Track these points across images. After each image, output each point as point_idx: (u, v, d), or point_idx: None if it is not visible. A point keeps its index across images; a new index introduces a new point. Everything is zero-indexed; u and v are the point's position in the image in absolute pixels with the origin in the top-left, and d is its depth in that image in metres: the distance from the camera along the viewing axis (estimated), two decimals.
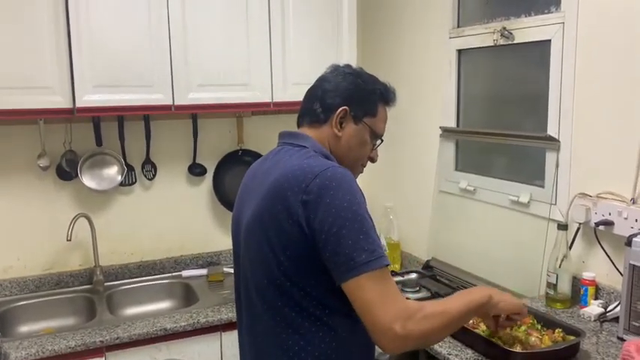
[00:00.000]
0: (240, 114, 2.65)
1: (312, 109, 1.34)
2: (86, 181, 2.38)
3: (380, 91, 1.36)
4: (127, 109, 2.20)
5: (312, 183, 1.15)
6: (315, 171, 1.17)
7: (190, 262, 2.64)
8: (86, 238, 2.42)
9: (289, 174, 1.19)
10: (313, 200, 1.13)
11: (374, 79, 1.37)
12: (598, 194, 1.83)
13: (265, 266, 1.22)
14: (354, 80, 1.33)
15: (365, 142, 1.35)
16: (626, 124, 1.71)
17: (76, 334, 1.95)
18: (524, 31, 2.04)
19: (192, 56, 2.24)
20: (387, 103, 1.38)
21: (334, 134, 1.31)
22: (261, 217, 1.22)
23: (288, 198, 1.16)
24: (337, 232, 1.11)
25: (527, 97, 2.15)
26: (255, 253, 1.26)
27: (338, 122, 1.31)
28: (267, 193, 1.21)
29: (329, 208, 1.12)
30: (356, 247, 1.11)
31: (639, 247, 1.55)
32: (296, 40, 2.42)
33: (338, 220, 1.11)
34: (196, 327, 2.06)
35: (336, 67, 1.39)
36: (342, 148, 1.33)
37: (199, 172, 2.62)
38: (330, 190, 1.13)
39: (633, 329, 1.58)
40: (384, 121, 1.39)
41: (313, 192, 1.14)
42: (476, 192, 2.32)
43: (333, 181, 1.15)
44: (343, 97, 1.31)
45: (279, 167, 1.25)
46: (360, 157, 1.37)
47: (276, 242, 1.19)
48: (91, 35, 2.08)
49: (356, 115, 1.32)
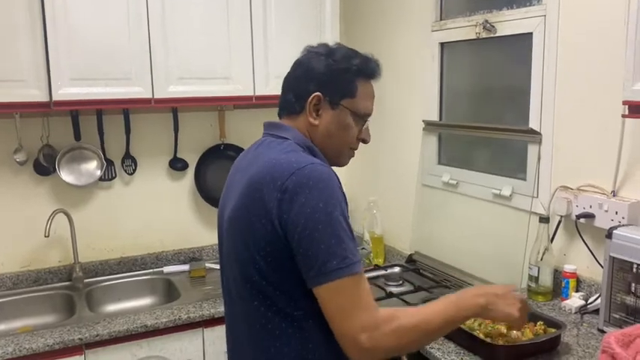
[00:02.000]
0: (221, 107, 2.61)
1: (287, 100, 1.27)
2: (64, 176, 2.34)
3: (356, 67, 1.23)
4: (106, 102, 2.16)
5: (287, 180, 1.09)
6: (292, 168, 1.11)
7: (172, 257, 2.61)
8: (65, 234, 2.38)
9: (266, 170, 1.14)
10: (288, 199, 1.08)
11: (349, 55, 1.24)
12: (579, 187, 1.84)
13: (241, 264, 1.19)
14: (325, 61, 1.22)
15: (347, 126, 1.25)
16: (606, 117, 1.71)
17: (54, 331, 1.91)
18: (506, 24, 2.04)
19: (172, 49, 2.21)
20: (369, 77, 1.26)
21: (311, 123, 1.24)
22: (239, 213, 1.17)
23: (264, 195, 1.11)
24: (309, 234, 1.06)
25: (510, 90, 2.15)
26: (232, 250, 1.22)
27: (313, 110, 1.23)
28: (245, 188, 1.17)
29: (303, 209, 1.07)
30: (328, 251, 1.06)
31: (619, 240, 1.56)
32: (278, 33, 2.40)
33: (310, 221, 1.06)
34: (178, 323, 2.04)
35: (309, 48, 1.28)
36: (321, 137, 1.25)
37: (181, 167, 2.59)
38: (306, 189, 1.08)
39: (613, 321, 1.60)
40: (369, 97, 1.27)
41: (288, 190, 1.08)
42: (458, 185, 2.32)
43: (310, 179, 1.09)
44: (315, 81, 1.22)
45: (259, 161, 1.19)
46: (344, 142, 1.27)
47: (250, 240, 1.14)
48: (68, 27, 2.04)
49: (332, 100, 1.23)
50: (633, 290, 1.57)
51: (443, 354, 1.52)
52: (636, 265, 1.54)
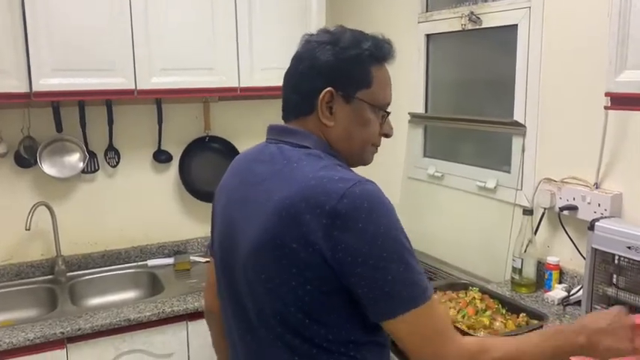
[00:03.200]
0: (206, 99, 2.59)
1: (292, 101, 1.10)
2: (46, 168, 2.30)
3: (368, 51, 1.07)
4: (88, 93, 2.13)
5: (338, 205, 0.92)
6: (339, 189, 0.94)
7: (156, 251, 2.59)
8: (47, 227, 2.35)
9: (306, 192, 0.95)
10: (340, 226, 0.92)
11: (358, 39, 1.08)
12: (563, 179, 1.84)
13: (276, 298, 1.00)
14: (331, 50, 1.05)
15: (367, 121, 1.08)
16: (590, 110, 1.72)
17: (35, 325, 1.89)
18: (492, 16, 2.03)
19: (155, 39, 2.18)
20: (383, 61, 1.10)
21: (325, 125, 1.06)
22: (272, 243, 0.98)
23: (307, 223, 0.94)
24: (374, 264, 0.92)
25: (495, 82, 2.15)
26: (262, 282, 1.02)
27: (326, 109, 1.05)
28: (278, 212, 0.97)
29: (362, 236, 0.92)
30: (399, 280, 0.93)
31: (601, 232, 1.57)
32: (263, 24, 2.37)
33: (374, 249, 0.92)
34: (161, 317, 2.02)
35: (309, 38, 1.10)
36: (340, 139, 1.08)
37: (165, 159, 2.56)
38: (362, 214, 0.92)
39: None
40: (386, 84, 1.11)
41: (340, 216, 0.92)
42: (444, 178, 2.32)
43: (365, 201, 0.93)
44: (323, 76, 1.05)
45: (290, 180, 0.99)
46: (366, 140, 1.10)
47: (292, 273, 0.97)
48: (48, 15, 2.00)
49: (346, 94, 1.05)
50: (615, 282, 1.59)
51: None
52: (618, 257, 1.55)
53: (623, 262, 1.55)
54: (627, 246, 1.49)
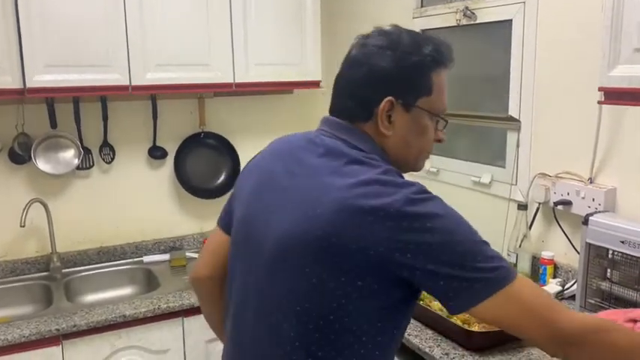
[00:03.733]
0: (201, 95, 2.58)
1: (345, 106, 1.05)
2: (41, 164, 2.30)
3: (429, 58, 1.02)
4: (82, 89, 2.12)
5: (404, 207, 0.91)
6: (404, 192, 0.92)
7: (152, 247, 2.58)
8: (42, 224, 2.34)
9: (369, 195, 0.92)
10: (408, 227, 0.90)
11: (418, 42, 1.03)
12: (557, 174, 1.85)
13: (307, 298, 0.97)
14: (393, 57, 1.00)
15: (425, 129, 1.05)
16: (584, 104, 1.72)
17: (31, 322, 1.89)
18: (486, 11, 2.03)
19: (150, 34, 2.17)
20: (443, 67, 1.05)
21: (383, 134, 1.02)
22: (320, 239, 0.94)
23: (369, 225, 0.91)
24: (462, 260, 0.91)
25: (490, 77, 2.15)
26: (295, 278, 0.98)
27: (385, 119, 1.01)
28: (330, 210, 0.93)
29: (439, 236, 0.91)
30: (485, 265, 0.91)
31: (595, 226, 1.57)
32: (258, 19, 2.37)
33: (455, 244, 0.91)
34: (157, 313, 2.02)
35: (364, 40, 1.05)
36: (397, 147, 1.04)
37: (160, 155, 2.56)
38: (430, 214, 0.91)
39: (589, 306, 1.61)
40: (445, 90, 1.07)
41: (408, 217, 0.90)
42: (439, 173, 2.32)
43: (431, 204, 0.93)
44: (384, 84, 1.01)
45: (347, 179, 0.96)
46: (422, 147, 1.08)
47: (336, 274, 0.94)
48: (42, 10, 1.99)
49: (406, 102, 1.01)
50: (609, 276, 1.60)
51: (421, 340, 1.52)
52: (612, 251, 1.56)
53: (617, 257, 1.55)
54: (621, 240, 1.50)
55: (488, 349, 1.45)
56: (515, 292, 0.92)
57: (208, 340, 2.11)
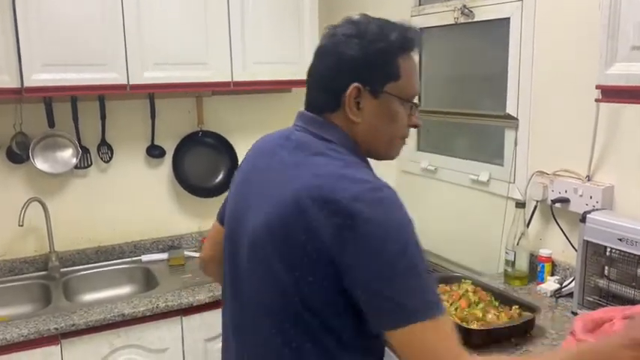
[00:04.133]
0: (199, 94, 2.58)
1: (317, 97, 1.08)
2: (39, 164, 2.29)
3: (398, 43, 1.03)
4: (80, 88, 2.12)
5: (352, 205, 0.91)
6: (356, 189, 0.92)
7: (150, 246, 2.58)
8: (40, 223, 2.34)
9: (322, 187, 0.94)
10: (352, 226, 0.90)
11: (384, 29, 1.04)
12: (555, 172, 1.85)
13: (277, 288, 0.99)
14: (360, 44, 1.02)
15: (395, 114, 1.05)
16: (582, 102, 1.72)
17: (30, 321, 1.89)
18: (484, 9, 2.03)
19: (147, 33, 2.17)
20: (409, 51, 1.05)
21: (352, 121, 1.04)
22: (279, 231, 0.97)
23: (318, 217, 0.92)
24: (381, 273, 0.90)
25: (488, 76, 2.15)
26: (264, 271, 1.02)
27: (353, 105, 1.03)
28: (288, 202, 0.96)
29: (373, 242, 0.90)
30: (406, 292, 0.90)
31: (593, 224, 1.57)
32: (256, 18, 2.36)
33: (384, 257, 0.90)
34: (156, 312, 2.02)
35: (334, 30, 1.07)
36: (368, 134, 1.05)
37: (158, 154, 2.55)
38: (376, 218, 0.91)
39: (587, 304, 1.62)
40: (414, 74, 1.07)
41: (353, 217, 0.90)
42: (437, 171, 2.32)
43: (380, 206, 0.92)
44: (351, 71, 1.02)
45: (307, 171, 0.99)
46: (394, 133, 1.08)
47: (291, 261, 0.96)
48: (39, 10, 1.99)
49: (374, 88, 1.02)
50: (606, 273, 1.60)
51: None
52: (609, 249, 1.56)
53: (614, 254, 1.56)
54: (618, 238, 1.50)
55: (486, 347, 1.45)
56: (432, 330, 0.90)
57: (207, 338, 2.12)
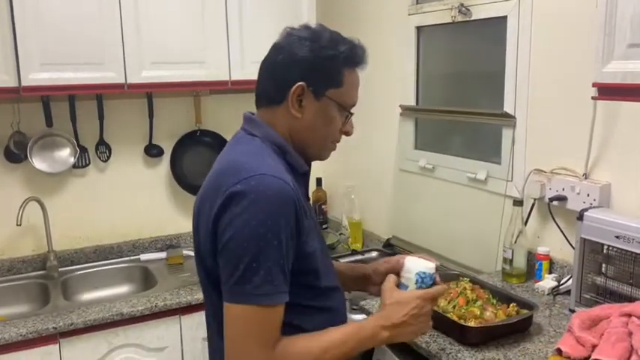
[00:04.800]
0: (197, 93, 2.58)
1: (266, 89, 1.16)
2: (37, 163, 2.30)
3: (344, 54, 1.13)
4: (78, 88, 2.12)
5: (232, 187, 1.03)
6: (240, 175, 1.04)
7: (149, 245, 2.58)
8: (38, 222, 2.34)
9: (221, 171, 1.11)
10: (225, 204, 1.03)
11: (336, 40, 1.14)
12: (552, 170, 1.86)
13: (203, 259, 1.14)
14: (310, 47, 1.11)
15: (332, 119, 1.16)
16: (579, 100, 1.72)
17: (28, 321, 1.89)
18: (481, 8, 2.04)
19: (145, 32, 2.17)
20: (356, 66, 1.16)
21: (293, 116, 1.13)
22: (199, 210, 1.15)
23: (214, 199, 1.06)
24: (233, 249, 1.02)
25: (485, 74, 2.15)
26: (197, 246, 1.19)
27: (295, 101, 1.12)
28: (207, 185, 1.14)
29: (235, 220, 1.01)
30: (244, 272, 1.01)
31: (590, 222, 1.58)
32: (254, 16, 2.37)
33: (238, 235, 1.01)
34: (154, 311, 2.02)
35: (290, 31, 1.16)
36: (304, 131, 1.15)
37: (156, 154, 2.56)
38: (244, 201, 1.01)
39: (584, 301, 1.62)
40: (355, 87, 1.18)
41: (229, 197, 1.03)
42: (435, 170, 2.33)
43: (253, 192, 1.01)
44: (299, 69, 1.11)
45: (222, 160, 1.16)
46: (327, 136, 1.18)
47: (201, 235, 1.12)
48: (37, 8, 1.99)
49: (316, 90, 1.12)
50: (603, 271, 1.60)
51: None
52: (607, 247, 1.56)
53: (611, 252, 1.56)
54: (616, 235, 1.51)
55: (484, 344, 1.45)
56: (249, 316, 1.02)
57: (205, 337, 2.10)
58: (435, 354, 1.44)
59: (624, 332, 1.31)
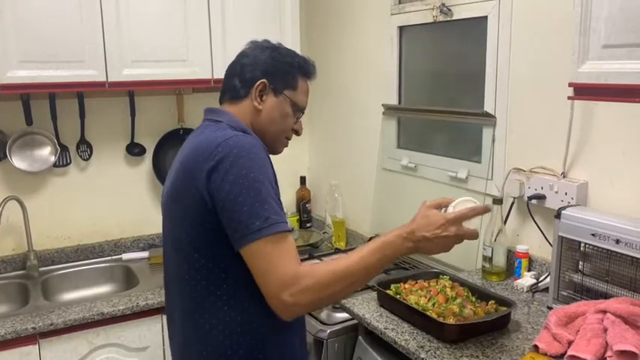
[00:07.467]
0: (180, 91, 2.57)
1: (232, 85, 1.35)
2: (16, 162, 2.27)
3: (299, 64, 1.37)
4: (57, 86, 2.10)
5: (214, 151, 1.17)
6: (218, 140, 1.19)
7: (131, 244, 2.57)
8: (18, 221, 2.32)
9: (197, 147, 1.23)
10: (214, 167, 1.16)
11: (292, 53, 1.39)
12: (531, 169, 1.88)
13: (176, 240, 1.26)
14: (271, 54, 1.35)
15: (287, 115, 1.37)
16: (557, 100, 1.75)
17: (6, 321, 1.87)
18: (462, 7, 2.05)
19: (126, 30, 2.16)
20: (306, 76, 1.40)
21: (255, 108, 1.33)
22: (172, 192, 1.27)
23: (194, 170, 1.19)
24: (234, 199, 1.13)
25: (466, 74, 2.17)
26: (168, 228, 1.32)
27: (258, 95, 1.33)
28: (179, 168, 1.26)
29: (227, 175, 1.14)
30: (251, 213, 1.12)
31: (567, 220, 1.60)
32: (236, 15, 2.36)
33: (235, 187, 1.13)
34: (135, 310, 2.01)
35: (255, 41, 1.41)
36: (263, 121, 1.34)
37: (138, 152, 2.54)
38: (230, 157, 1.15)
39: (562, 298, 1.64)
40: (306, 94, 1.41)
41: (215, 159, 1.16)
42: (417, 169, 2.34)
43: (234, 148, 1.17)
44: (262, 70, 1.33)
45: (191, 143, 1.29)
46: (282, 129, 1.38)
47: (182, 214, 1.22)
48: (15, 5, 1.97)
49: (276, 88, 1.34)
50: (580, 268, 1.62)
51: (397, 334, 1.54)
52: (583, 244, 1.59)
53: (588, 249, 1.58)
54: (592, 233, 1.53)
55: (463, 341, 1.47)
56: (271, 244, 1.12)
57: None
58: (414, 351, 1.45)
59: (599, 329, 1.33)
